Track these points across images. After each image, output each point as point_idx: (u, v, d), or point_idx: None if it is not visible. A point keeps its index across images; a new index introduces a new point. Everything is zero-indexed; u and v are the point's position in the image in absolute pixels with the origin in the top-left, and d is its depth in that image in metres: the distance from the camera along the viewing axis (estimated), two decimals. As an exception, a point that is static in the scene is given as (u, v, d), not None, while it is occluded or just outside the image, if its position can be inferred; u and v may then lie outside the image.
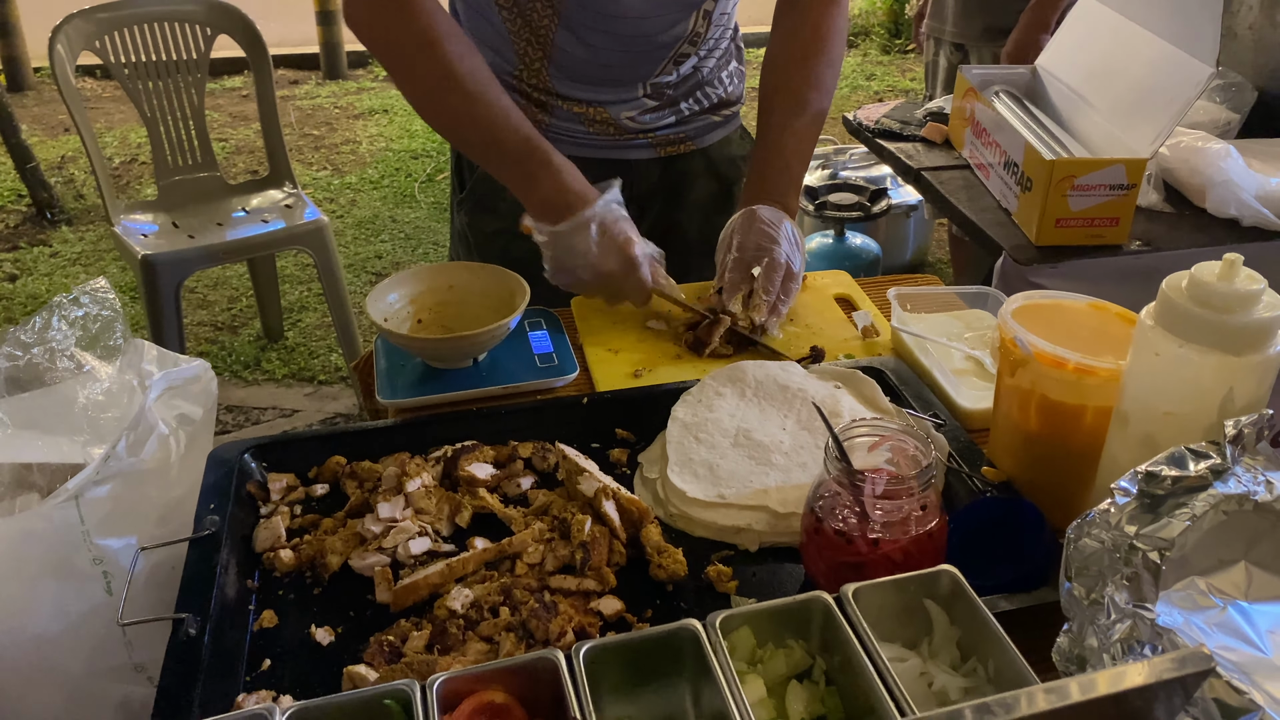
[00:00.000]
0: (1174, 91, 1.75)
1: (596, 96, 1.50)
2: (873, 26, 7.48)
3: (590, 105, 1.50)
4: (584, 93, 1.49)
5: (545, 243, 1.31)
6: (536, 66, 1.47)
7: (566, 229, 1.28)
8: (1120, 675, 0.56)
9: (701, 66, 1.55)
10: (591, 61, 1.45)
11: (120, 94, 5.54)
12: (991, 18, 2.90)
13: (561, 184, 1.29)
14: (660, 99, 1.53)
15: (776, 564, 0.99)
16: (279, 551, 0.97)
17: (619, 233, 1.29)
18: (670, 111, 1.56)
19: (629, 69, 1.48)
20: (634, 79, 1.49)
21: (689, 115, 1.58)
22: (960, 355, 1.28)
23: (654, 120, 1.55)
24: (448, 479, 1.06)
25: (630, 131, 1.54)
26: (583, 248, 1.28)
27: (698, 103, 1.58)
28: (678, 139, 1.59)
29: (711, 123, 1.61)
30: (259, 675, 0.87)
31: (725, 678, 0.72)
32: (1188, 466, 0.76)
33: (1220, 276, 0.81)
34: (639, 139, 1.55)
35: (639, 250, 1.30)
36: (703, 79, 1.56)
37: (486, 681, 0.73)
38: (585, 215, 1.27)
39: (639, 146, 1.56)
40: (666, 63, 1.48)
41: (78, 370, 1.30)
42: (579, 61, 1.45)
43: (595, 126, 1.52)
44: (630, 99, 1.51)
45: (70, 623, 1.11)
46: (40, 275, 3.99)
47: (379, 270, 4.12)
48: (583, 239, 1.27)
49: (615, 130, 1.53)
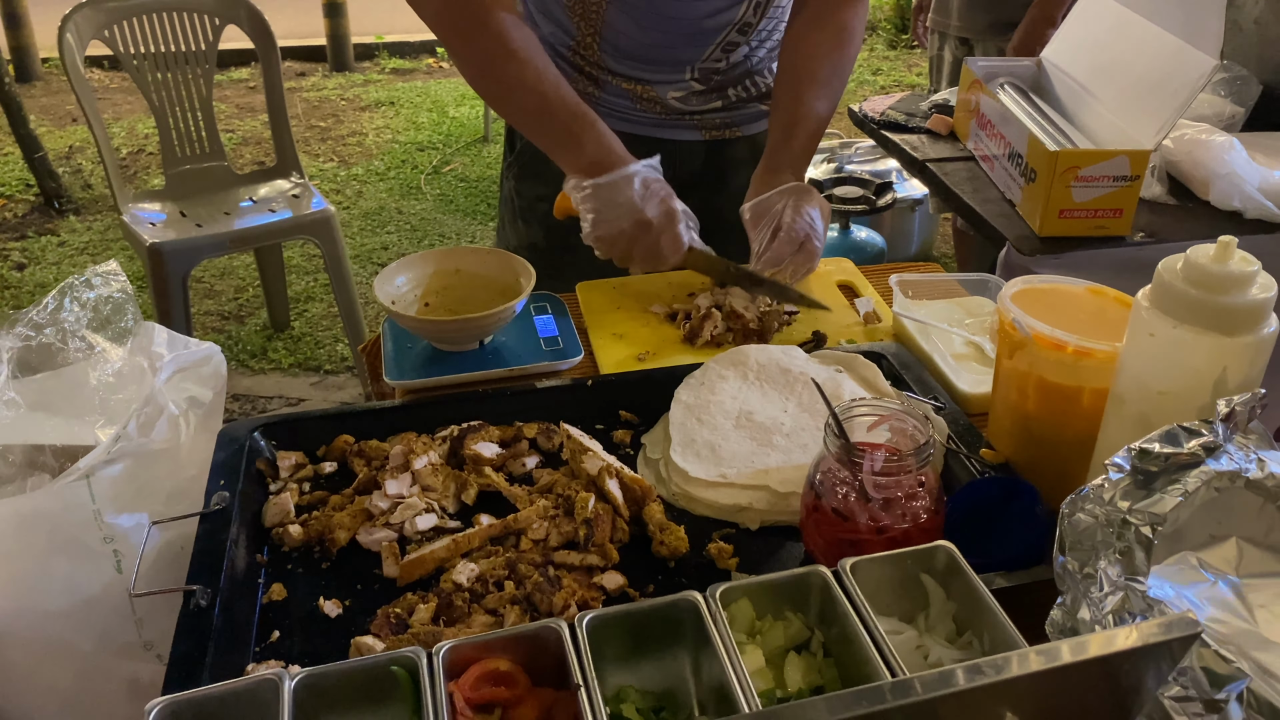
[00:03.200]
0: (1178, 84, 1.75)
1: (645, 75, 1.54)
2: (879, 22, 7.48)
3: (639, 83, 1.54)
4: (633, 70, 1.53)
5: (587, 196, 1.34)
6: (589, 41, 1.51)
7: (611, 179, 1.33)
8: (1110, 639, 0.57)
9: (752, 56, 1.58)
10: (640, 40, 1.49)
11: (128, 84, 5.57)
12: (997, 12, 2.91)
13: (607, 145, 1.35)
14: (708, 84, 1.57)
15: (777, 542, 1.00)
16: (288, 527, 0.99)
17: (661, 189, 1.34)
18: (717, 96, 1.59)
19: (675, 51, 1.51)
20: (681, 62, 1.53)
21: (735, 102, 1.61)
22: (960, 340, 1.29)
23: (701, 103, 1.58)
24: (454, 457, 1.08)
25: (676, 112, 1.58)
26: (625, 198, 1.32)
27: (745, 90, 1.61)
28: (723, 124, 1.62)
29: (759, 111, 1.64)
30: (268, 646, 0.88)
31: (725, 648, 0.74)
32: (1181, 444, 0.78)
33: (1215, 258, 0.82)
34: (685, 119, 1.59)
35: (679, 205, 1.35)
36: (752, 68, 1.59)
37: (491, 650, 0.75)
38: (630, 169, 1.33)
39: (685, 128, 1.60)
40: (714, 49, 1.51)
41: (89, 352, 1.31)
42: (628, 40, 1.49)
43: (643, 104, 1.56)
44: (677, 80, 1.55)
45: (81, 600, 1.12)
46: (48, 264, 4.01)
47: (384, 261, 4.13)
48: (627, 188, 1.32)
49: (662, 110, 1.57)
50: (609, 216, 1.33)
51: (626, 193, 1.32)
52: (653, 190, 1.33)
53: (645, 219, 1.32)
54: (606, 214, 1.33)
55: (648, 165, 1.36)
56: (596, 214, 1.34)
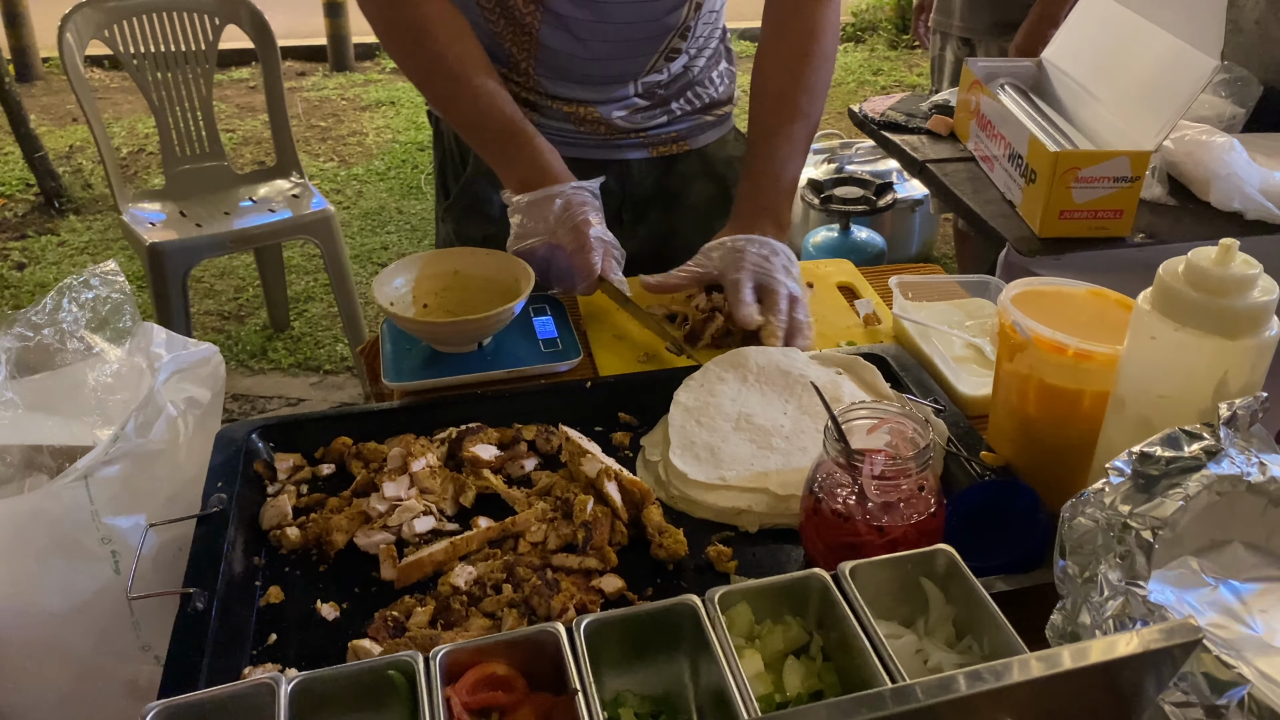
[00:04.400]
0: (1178, 85, 1.75)
1: (586, 95, 1.50)
2: (880, 22, 7.48)
3: (581, 105, 1.50)
4: (573, 92, 1.49)
5: (513, 210, 1.34)
6: (524, 66, 1.47)
7: (533, 198, 1.32)
8: (1111, 645, 0.57)
9: (692, 66, 1.54)
10: (580, 57, 1.45)
11: (128, 84, 5.56)
12: (999, 12, 2.90)
13: (540, 163, 1.34)
14: (652, 99, 1.53)
15: (776, 545, 1.00)
16: (285, 529, 0.99)
17: (579, 213, 1.31)
18: (662, 112, 1.55)
19: (619, 64, 1.47)
20: (625, 77, 1.49)
21: (681, 115, 1.57)
22: (961, 343, 1.29)
23: (646, 120, 1.54)
24: (452, 460, 1.07)
25: (621, 131, 1.53)
26: (543, 217, 1.32)
27: (689, 103, 1.57)
28: (670, 139, 1.58)
29: (704, 123, 1.61)
30: (265, 649, 0.88)
31: (723, 652, 0.73)
32: (1182, 447, 0.77)
33: (1216, 261, 0.81)
34: (631, 138, 1.55)
35: (594, 233, 1.31)
36: (693, 79, 1.56)
37: (489, 654, 0.75)
38: (554, 190, 1.32)
39: (631, 146, 1.56)
40: (657, 58, 1.47)
41: (87, 352, 1.31)
42: (567, 59, 1.45)
43: (586, 126, 1.52)
44: (621, 99, 1.51)
45: (78, 602, 1.12)
46: (48, 264, 4.01)
47: (384, 261, 4.13)
48: (545, 210, 1.32)
49: (607, 130, 1.53)
50: (527, 234, 1.33)
51: (545, 213, 1.32)
52: (571, 213, 1.31)
53: (556, 242, 1.32)
54: (525, 231, 1.33)
55: (577, 187, 1.33)
56: (518, 228, 1.34)
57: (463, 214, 1.59)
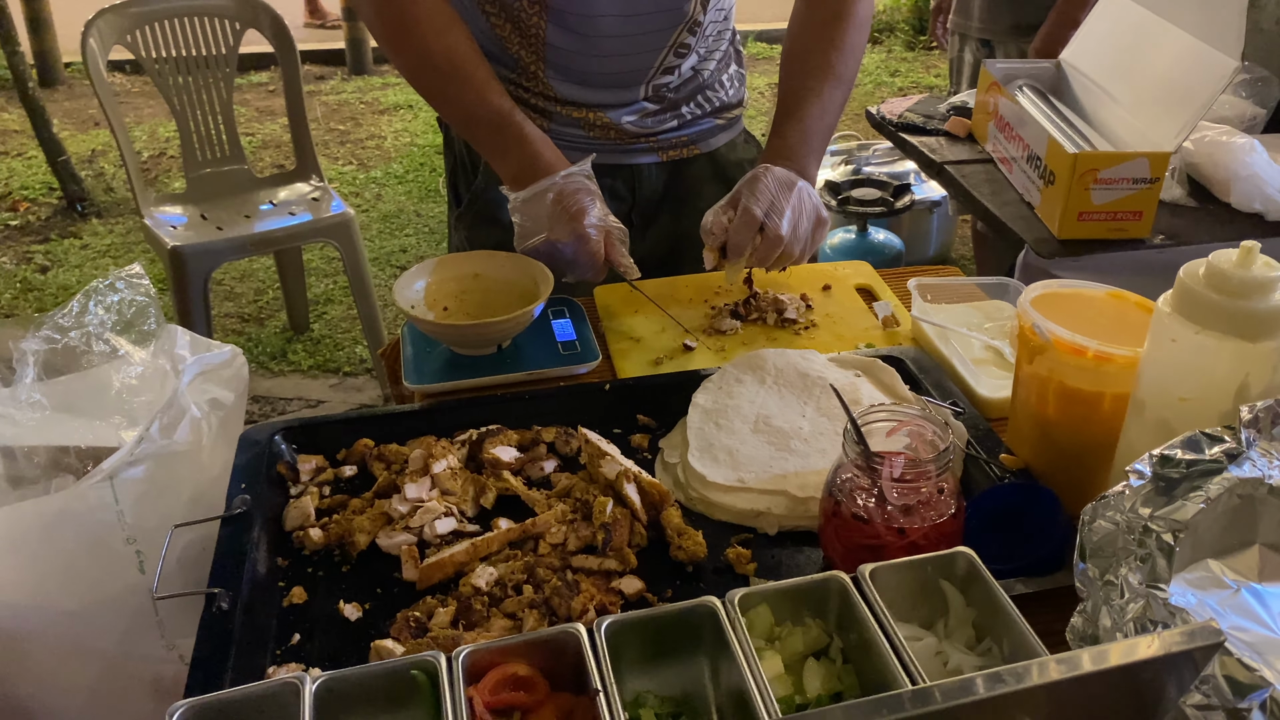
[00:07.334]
0: (1198, 85, 1.74)
1: (596, 99, 1.49)
2: (897, 23, 7.45)
3: (591, 110, 1.49)
4: (584, 96, 1.48)
5: (513, 209, 1.34)
6: (533, 70, 1.46)
7: (526, 196, 1.32)
8: (1131, 647, 0.57)
9: (701, 69, 1.54)
10: (588, 54, 1.43)
11: (149, 88, 5.61)
12: (1019, 14, 2.89)
13: (532, 154, 1.33)
14: (661, 102, 1.52)
15: (795, 547, 1.00)
16: (308, 530, 0.99)
17: (573, 204, 1.30)
18: (672, 116, 1.54)
19: (628, 60, 1.45)
20: (634, 76, 1.47)
21: (691, 120, 1.57)
22: (980, 345, 1.29)
23: (655, 124, 1.53)
24: (473, 461, 1.08)
25: (632, 135, 1.52)
26: (539, 214, 1.31)
27: (699, 107, 1.57)
28: (680, 143, 1.57)
29: (715, 126, 1.60)
30: (289, 649, 0.89)
31: (744, 654, 0.74)
32: (1203, 450, 0.77)
33: (1237, 263, 0.81)
34: (641, 143, 1.54)
35: (590, 221, 1.29)
36: (703, 82, 1.55)
37: (511, 654, 0.75)
38: (544, 184, 1.31)
39: (642, 151, 1.55)
40: (666, 53, 1.45)
41: (113, 355, 1.33)
42: (575, 58, 1.44)
43: (596, 131, 1.51)
44: (631, 102, 1.50)
45: (104, 601, 1.13)
46: (71, 267, 4.05)
47: (403, 264, 4.15)
48: (539, 206, 1.31)
49: (617, 135, 1.52)
50: (527, 233, 1.34)
51: (539, 209, 1.31)
52: (564, 205, 1.30)
53: (554, 237, 1.31)
54: (525, 231, 1.34)
55: (568, 175, 1.32)
56: (519, 228, 1.35)
57: (475, 221, 1.59)
